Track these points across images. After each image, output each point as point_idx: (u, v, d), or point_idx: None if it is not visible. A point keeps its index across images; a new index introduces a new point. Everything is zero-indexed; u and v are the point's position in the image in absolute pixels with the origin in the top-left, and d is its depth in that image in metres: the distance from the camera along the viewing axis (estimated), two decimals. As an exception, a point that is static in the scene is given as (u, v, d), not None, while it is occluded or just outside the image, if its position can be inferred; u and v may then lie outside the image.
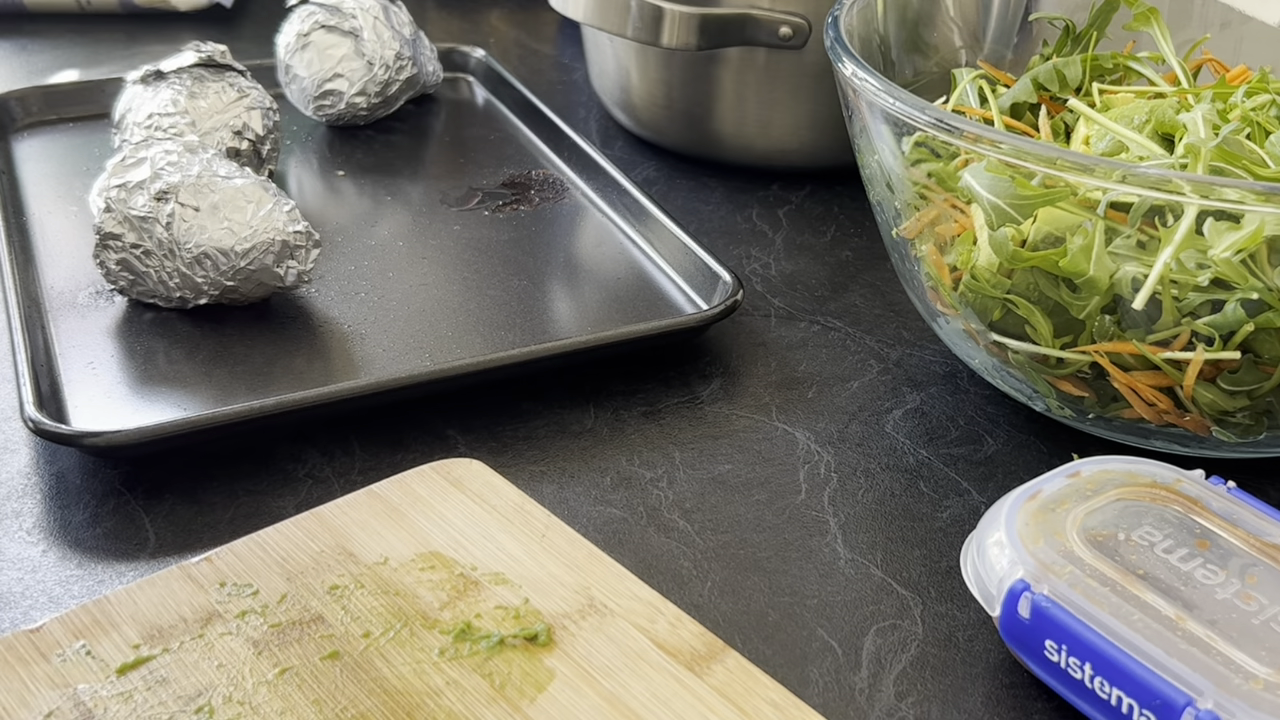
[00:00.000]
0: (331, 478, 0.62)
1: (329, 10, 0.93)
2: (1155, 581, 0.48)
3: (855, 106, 0.65)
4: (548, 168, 0.90)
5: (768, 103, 0.88)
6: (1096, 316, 0.59)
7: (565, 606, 0.52)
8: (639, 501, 0.61)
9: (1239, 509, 0.52)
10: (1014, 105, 0.71)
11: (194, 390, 0.66)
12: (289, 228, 0.70)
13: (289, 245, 0.70)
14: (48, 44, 1.10)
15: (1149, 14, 0.73)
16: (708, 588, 0.56)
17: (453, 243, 0.81)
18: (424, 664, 0.49)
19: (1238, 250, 0.55)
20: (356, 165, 0.90)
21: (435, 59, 1.00)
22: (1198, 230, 0.56)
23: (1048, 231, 0.59)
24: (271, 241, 0.69)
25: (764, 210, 0.87)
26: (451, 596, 0.52)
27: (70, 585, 0.55)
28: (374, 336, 0.71)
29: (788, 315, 0.76)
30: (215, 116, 0.81)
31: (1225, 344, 0.57)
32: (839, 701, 0.51)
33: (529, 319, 0.73)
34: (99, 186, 0.72)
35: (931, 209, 0.64)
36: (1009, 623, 0.50)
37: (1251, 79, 0.68)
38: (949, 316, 0.65)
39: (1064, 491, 0.53)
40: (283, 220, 0.70)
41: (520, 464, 0.63)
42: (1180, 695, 0.44)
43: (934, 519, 0.61)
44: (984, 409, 0.68)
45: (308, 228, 0.71)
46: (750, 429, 0.66)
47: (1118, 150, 0.64)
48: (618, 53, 0.92)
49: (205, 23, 1.16)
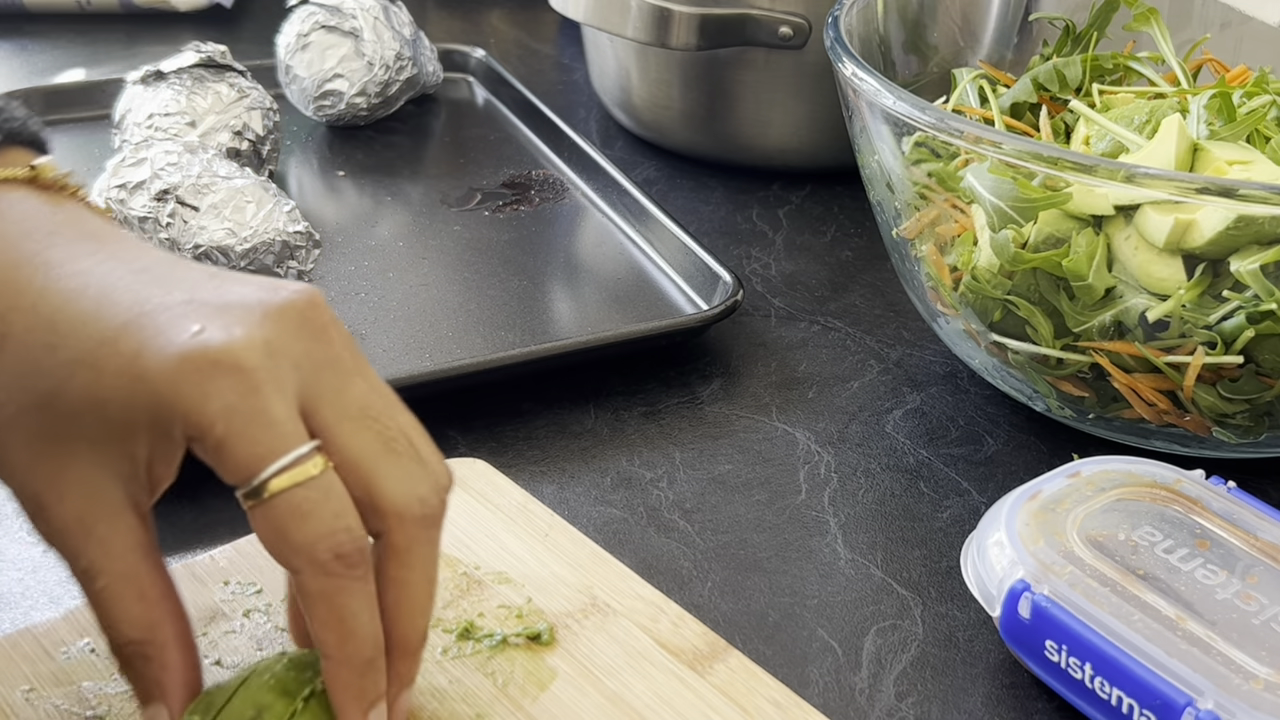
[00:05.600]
0: (333, 477, 0.62)
1: (329, 10, 0.93)
2: (1155, 581, 0.49)
3: (855, 106, 0.65)
4: (548, 168, 0.90)
5: (768, 103, 0.88)
6: (1093, 334, 0.59)
7: (568, 606, 0.52)
8: (639, 501, 0.61)
9: (1239, 509, 0.52)
10: (1014, 105, 0.71)
11: (195, 390, 0.66)
12: (289, 228, 0.70)
13: (289, 245, 0.70)
14: (48, 44, 1.10)
15: (1149, 14, 0.73)
16: (708, 588, 0.56)
17: (453, 243, 0.81)
18: (427, 663, 0.49)
19: (1263, 264, 0.55)
20: (356, 165, 0.90)
21: (435, 59, 1.00)
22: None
23: (1049, 233, 0.59)
24: (271, 242, 0.70)
25: (764, 210, 0.87)
26: (454, 595, 0.52)
27: (71, 585, 0.55)
28: (374, 336, 0.71)
29: (788, 315, 0.76)
30: (215, 116, 0.81)
31: (1227, 349, 0.57)
32: (839, 701, 0.51)
33: (529, 319, 0.73)
34: (99, 186, 0.72)
35: (932, 209, 0.64)
36: (1009, 623, 0.50)
37: (1251, 79, 0.68)
38: (949, 316, 0.65)
39: (1064, 491, 0.53)
40: (283, 220, 0.70)
41: (520, 464, 0.63)
42: (1180, 695, 0.45)
43: (934, 519, 0.61)
44: (984, 409, 0.68)
45: (308, 228, 0.71)
46: (750, 429, 0.66)
47: (1118, 151, 0.64)
48: (618, 53, 0.92)
49: (205, 23, 1.15)
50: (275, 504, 0.38)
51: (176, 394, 0.38)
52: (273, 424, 0.39)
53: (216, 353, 0.38)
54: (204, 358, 0.38)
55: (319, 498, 0.39)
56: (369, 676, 0.41)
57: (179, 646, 0.41)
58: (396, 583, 0.41)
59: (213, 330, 0.39)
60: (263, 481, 0.38)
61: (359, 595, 0.40)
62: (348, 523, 0.39)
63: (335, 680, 0.41)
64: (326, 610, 0.40)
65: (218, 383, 0.38)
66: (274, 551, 0.39)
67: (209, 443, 0.38)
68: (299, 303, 0.41)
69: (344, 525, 0.39)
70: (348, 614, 0.40)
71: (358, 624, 0.40)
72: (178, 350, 0.38)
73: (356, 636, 0.40)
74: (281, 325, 0.40)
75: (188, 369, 0.38)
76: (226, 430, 0.38)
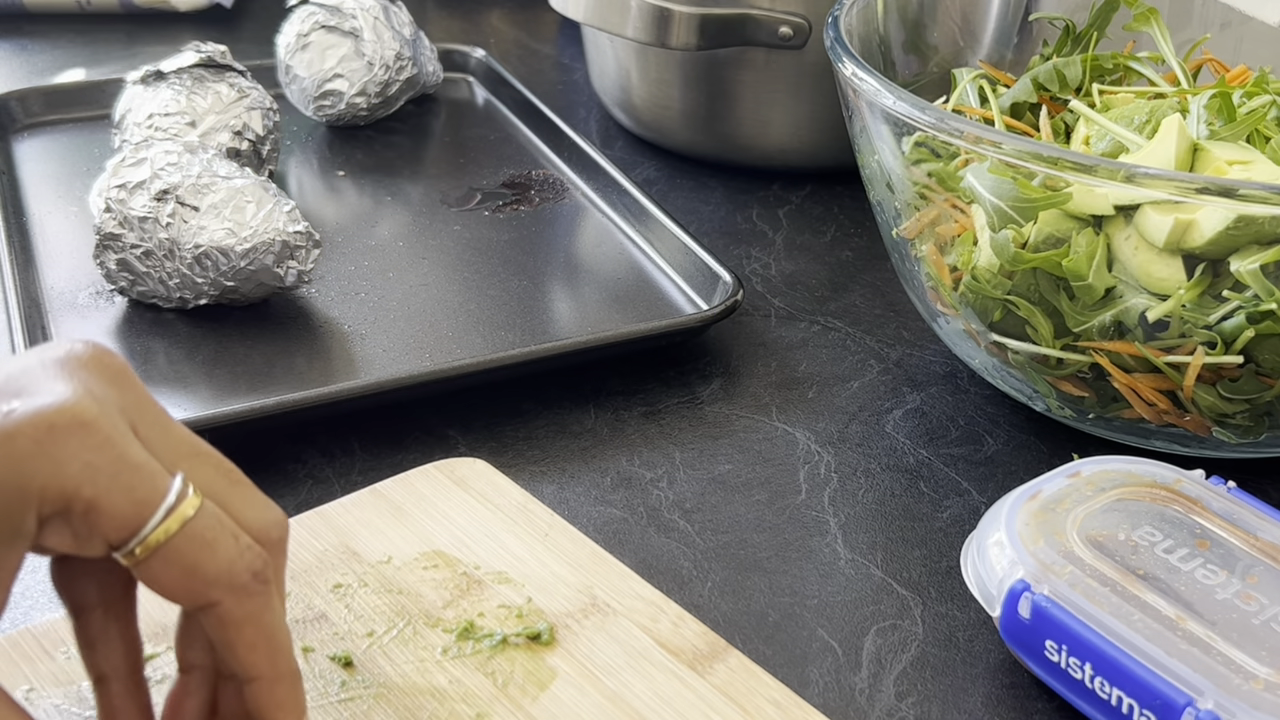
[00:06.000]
0: (331, 478, 0.62)
1: (329, 10, 0.93)
2: (1155, 581, 0.49)
3: (855, 106, 0.65)
4: (548, 168, 0.90)
5: (768, 103, 0.88)
6: (1093, 334, 0.59)
7: (568, 605, 0.52)
8: (639, 501, 0.61)
9: (1239, 509, 0.52)
10: (1014, 105, 0.71)
11: (194, 390, 0.66)
12: (289, 228, 0.70)
13: (289, 245, 0.70)
14: (48, 44, 1.10)
15: (1149, 14, 0.73)
16: (708, 588, 0.56)
17: (453, 243, 0.81)
18: (427, 663, 0.49)
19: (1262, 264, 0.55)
20: (356, 165, 0.90)
21: (435, 59, 1.00)
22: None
23: (1049, 233, 0.59)
24: (272, 242, 0.70)
25: (764, 210, 0.87)
26: (454, 595, 0.52)
27: (72, 585, 0.55)
28: (374, 336, 0.71)
29: (788, 315, 0.76)
30: (215, 116, 0.81)
31: (1227, 349, 0.57)
32: (839, 701, 0.51)
33: (529, 319, 0.73)
34: (99, 187, 0.72)
35: (932, 209, 0.64)
36: (1009, 623, 0.50)
37: (1251, 79, 0.68)
38: (949, 316, 0.65)
39: (1064, 491, 0.53)
40: (283, 220, 0.70)
41: (520, 464, 0.63)
42: (1180, 695, 0.45)
43: (934, 519, 0.61)
44: (984, 409, 0.68)
45: (308, 228, 0.71)
46: (750, 429, 0.66)
47: (1118, 151, 0.64)
48: (618, 53, 0.92)
49: (205, 23, 1.16)
50: (176, 545, 0.37)
51: (23, 474, 0.35)
52: (139, 469, 0.37)
53: (52, 415, 0.36)
54: (41, 423, 0.36)
55: (215, 524, 0.38)
56: (300, 685, 0.40)
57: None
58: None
59: (30, 399, 0.36)
60: (155, 527, 0.37)
61: (276, 608, 0.39)
62: (248, 540, 0.39)
63: (270, 700, 0.40)
64: (254, 631, 0.39)
65: (68, 445, 0.36)
66: (184, 592, 0.38)
67: (78, 508, 0.36)
68: (95, 353, 0.39)
69: (246, 544, 0.38)
70: (275, 628, 0.39)
71: (283, 635, 0.40)
72: (3, 431, 0.35)
73: (286, 648, 0.40)
74: (91, 374, 0.38)
75: (25, 443, 0.35)
76: (95, 490, 0.36)
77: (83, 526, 0.37)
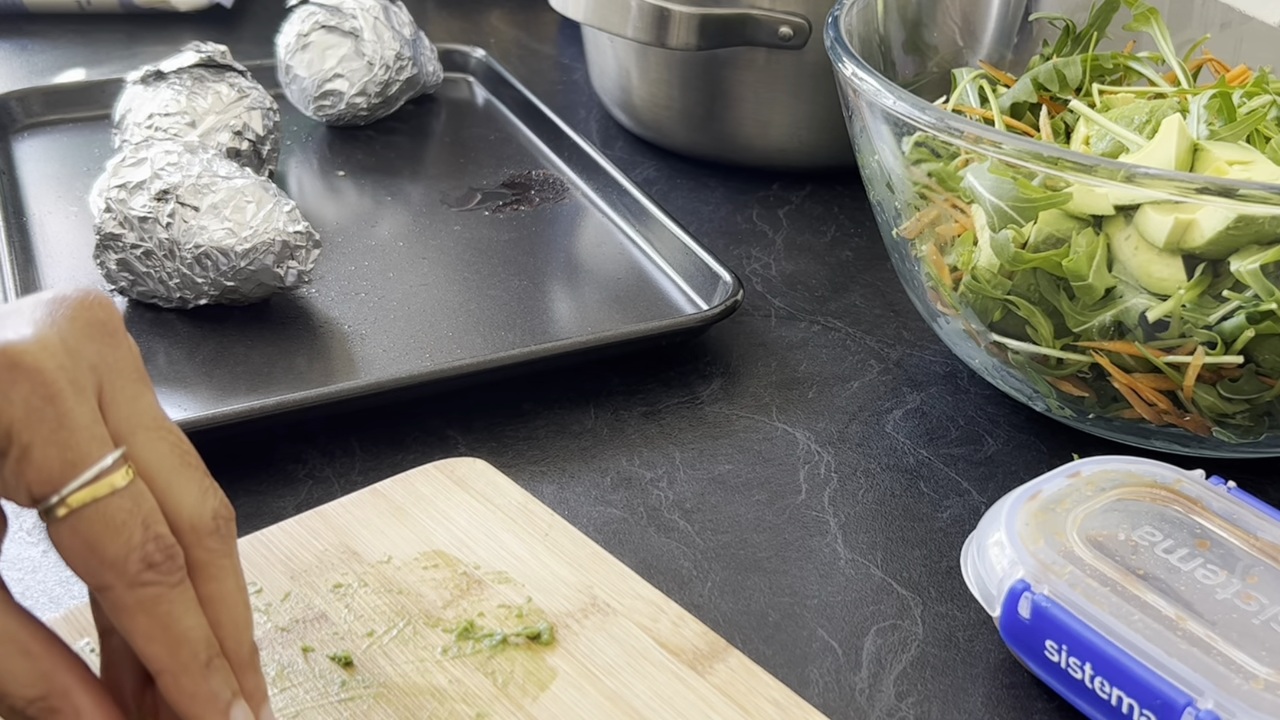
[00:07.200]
0: (331, 478, 0.62)
1: (329, 10, 0.93)
2: (1155, 581, 0.49)
3: (855, 106, 0.65)
4: (548, 168, 0.90)
5: (768, 103, 0.88)
6: (1093, 334, 0.59)
7: (568, 605, 0.52)
8: (639, 501, 0.61)
9: (1239, 509, 0.52)
10: (1014, 105, 0.71)
11: (194, 390, 0.66)
12: (289, 228, 0.70)
13: (289, 245, 0.70)
14: (48, 44, 1.10)
15: (1149, 14, 0.73)
16: (708, 588, 0.56)
17: (453, 243, 0.81)
18: (427, 662, 0.49)
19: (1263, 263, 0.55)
20: (356, 165, 0.90)
21: (435, 59, 1.00)
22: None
23: (1049, 233, 0.59)
24: (272, 242, 0.70)
25: (764, 210, 0.87)
26: (455, 595, 0.52)
27: (71, 585, 0.55)
28: (374, 336, 0.71)
29: (788, 315, 0.76)
30: (215, 116, 0.81)
31: (1227, 349, 0.57)
32: (839, 701, 0.51)
33: (529, 319, 0.73)
34: (99, 187, 0.72)
35: (932, 209, 0.64)
36: (1009, 623, 0.50)
37: (1251, 79, 0.68)
38: (949, 316, 0.65)
39: (1064, 491, 0.53)
40: (283, 220, 0.70)
41: (520, 464, 0.63)
42: (1180, 695, 0.45)
43: (934, 519, 0.61)
44: (984, 409, 0.68)
45: (308, 228, 0.71)
46: (750, 429, 0.66)
47: (1118, 151, 0.64)
48: (618, 53, 0.92)
49: (205, 23, 1.16)
50: (85, 515, 0.36)
51: None
52: (79, 429, 0.36)
53: (13, 354, 0.36)
54: (1, 359, 0.36)
55: (131, 507, 0.37)
56: (215, 678, 0.39)
57: (84, 689, 0.38)
58: (210, 600, 0.39)
59: (3, 332, 0.37)
60: (71, 491, 0.36)
61: (179, 600, 0.38)
62: (158, 531, 0.38)
63: (178, 692, 0.39)
64: (148, 621, 0.38)
65: (18, 386, 0.36)
66: (81, 567, 0.37)
67: (13, 452, 0.36)
68: (91, 304, 0.39)
69: (154, 534, 0.38)
70: (171, 620, 0.38)
71: (184, 627, 0.38)
72: None
73: (188, 640, 0.38)
74: (74, 326, 0.38)
75: None
76: (31, 438, 0.36)
77: (13, 472, 0.37)
